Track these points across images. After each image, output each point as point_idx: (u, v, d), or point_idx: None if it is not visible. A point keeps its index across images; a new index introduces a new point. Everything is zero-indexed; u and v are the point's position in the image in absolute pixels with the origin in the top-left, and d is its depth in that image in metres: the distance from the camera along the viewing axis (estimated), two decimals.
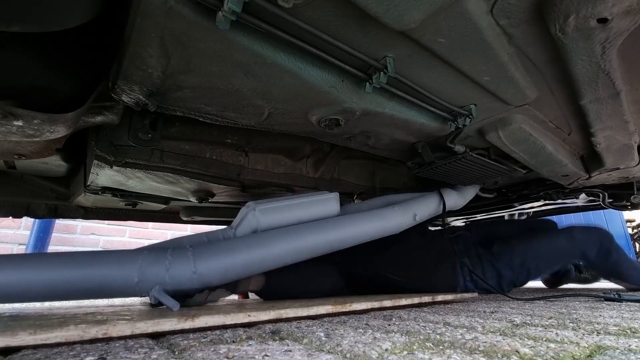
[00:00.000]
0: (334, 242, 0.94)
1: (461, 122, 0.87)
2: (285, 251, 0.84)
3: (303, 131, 0.92)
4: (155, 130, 0.81)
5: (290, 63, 0.62)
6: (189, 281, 0.71)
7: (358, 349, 0.48)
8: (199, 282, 0.72)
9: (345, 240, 0.96)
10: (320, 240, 0.90)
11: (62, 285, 0.61)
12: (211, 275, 0.73)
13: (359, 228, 1.00)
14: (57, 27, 0.48)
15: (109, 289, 0.65)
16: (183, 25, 0.50)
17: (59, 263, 0.62)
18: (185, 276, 0.70)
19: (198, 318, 0.58)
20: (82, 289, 0.63)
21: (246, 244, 0.81)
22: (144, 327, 0.52)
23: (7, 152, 0.80)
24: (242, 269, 0.78)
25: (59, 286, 0.61)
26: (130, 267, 0.66)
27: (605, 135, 0.97)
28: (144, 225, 3.78)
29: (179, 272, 0.70)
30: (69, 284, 0.61)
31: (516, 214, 2.27)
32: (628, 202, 1.56)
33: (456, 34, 0.57)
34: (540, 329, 0.66)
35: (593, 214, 4.46)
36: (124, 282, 0.65)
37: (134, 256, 0.68)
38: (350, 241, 0.99)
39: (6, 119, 0.60)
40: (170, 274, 0.68)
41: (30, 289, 0.59)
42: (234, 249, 0.78)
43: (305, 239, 0.87)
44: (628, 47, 0.62)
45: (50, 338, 0.46)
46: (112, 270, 0.65)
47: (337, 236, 0.94)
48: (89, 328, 0.48)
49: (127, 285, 0.65)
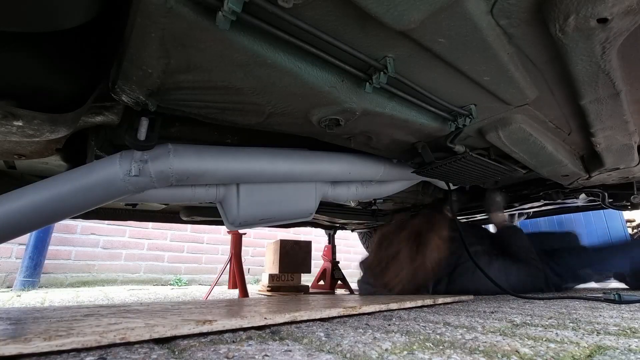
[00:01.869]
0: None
1: (461, 122, 0.87)
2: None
3: (303, 131, 0.92)
4: (152, 132, 0.81)
5: (290, 63, 0.62)
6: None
7: (358, 349, 0.48)
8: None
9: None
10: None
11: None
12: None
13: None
14: (57, 27, 0.48)
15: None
16: (183, 26, 0.50)
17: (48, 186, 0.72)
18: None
19: (216, 322, 0.58)
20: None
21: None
22: (162, 331, 0.52)
23: (7, 152, 0.80)
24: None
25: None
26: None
27: (605, 135, 0.97)
28: (144, 225, 3.79)
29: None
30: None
31: (516, 214, 2.28)
32: (628, 202, 1.56)
33: (456, 34, 0.57)
34: (540, 329, 0.66)
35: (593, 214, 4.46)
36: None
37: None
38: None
39: (6, 119, 0.60)
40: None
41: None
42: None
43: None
44: (628, 47, 0.62)
45: (66, 344, 0.44)
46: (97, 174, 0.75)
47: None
48: (106, 333, 0.47)
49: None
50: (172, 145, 0.84)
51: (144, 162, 0.79)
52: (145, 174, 0.80)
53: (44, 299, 2.10)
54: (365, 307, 0.87)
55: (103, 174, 0.77)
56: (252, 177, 0.98)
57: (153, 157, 0.80)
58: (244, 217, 1.04)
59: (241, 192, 1.02)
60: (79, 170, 0.77)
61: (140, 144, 0.74)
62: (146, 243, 3.82)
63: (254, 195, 1.04)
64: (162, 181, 0.84)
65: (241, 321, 0.62)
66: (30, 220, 0.73)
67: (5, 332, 0.50)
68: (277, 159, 0.99)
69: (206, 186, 1.00)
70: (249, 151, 0.95)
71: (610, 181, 1.39)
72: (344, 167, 1.12)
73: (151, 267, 3.81)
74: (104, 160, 0.79)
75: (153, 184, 0.83)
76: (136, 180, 0.79)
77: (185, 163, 0.84)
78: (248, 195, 1.03)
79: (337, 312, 0.81)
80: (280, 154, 1.01)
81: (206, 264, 4.21)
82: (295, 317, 0.71)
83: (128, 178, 0.78)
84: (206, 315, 0.68)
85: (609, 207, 1.62)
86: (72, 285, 3.29)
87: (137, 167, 0.78)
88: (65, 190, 0.74)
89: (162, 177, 0.82)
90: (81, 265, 3.40)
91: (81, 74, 0.66)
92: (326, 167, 1.09)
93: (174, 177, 0.84)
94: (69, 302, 1.95)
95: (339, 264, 2.72)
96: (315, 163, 1.06)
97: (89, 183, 0.76)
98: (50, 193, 0.74)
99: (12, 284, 2.99)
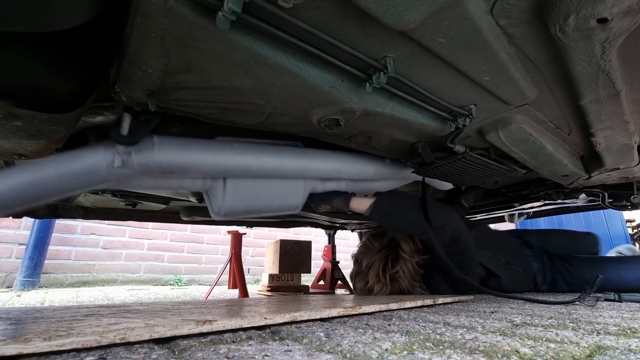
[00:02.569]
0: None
1: (461, 122, 0.87)
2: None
3: (303, 131, 0.92)
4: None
5: (290, 63, 0.62)
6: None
7: (358, 349, 0.48)
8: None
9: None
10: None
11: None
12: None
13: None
14: (57, 27, 0.48)
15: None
16: (183, 25, 0.50)
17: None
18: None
19: (216, 322, 0.58)
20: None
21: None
22: (162, 331, 0.52)
23: (7, 152, 0.80)
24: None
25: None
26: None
27: (605, 135, 0.97)
28: (144, 225, 3.79)
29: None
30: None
31: (516, 214, 2.27)
32: (628, 202, 1.56)
33: (456, 34, 0.57)
34: (540, 329, 0.66)
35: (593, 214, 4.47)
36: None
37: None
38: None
39: (6, 119, 0.60)
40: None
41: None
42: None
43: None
44: (628, 47, 0.62)
45: (66, 344, 0.43)
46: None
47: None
48: (106, 333, 0.47)
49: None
50: (158, 138, 0.83)
51: (127, 154, 0.79)
52: (129, 165, 0.80)
53: (44, 299, 2.10)
54: (365, 307, 0.87)
55: (87, 162, 0.77)
56: (238, 173, 0.98)
57: (137, 150, 0.80)
58: (229, 208, 1.04)
59: (227, 186, 1.02)
60: (64, 155, 0.78)
61: (123, 139, 0.75)
62: (146, 243, 3.82)
63: (240, 189, 1.04)
64: (145, 173, 0.84)
65: (241, 321, 0.62)
66: (13, 200, 0.74)
67: (5, 332, 0.50)
68: (265, 155, 0.98)
69: (192, 177, 1.00)
70: (236, 146, 0.95)
71: (610, 181, 1.39)
72: (334, 165, 1.11)
73: (151, 267, 3.81)
74: (89, 149, 0.79)
75: (136, 176, 0.83)
76: (119, 171, 0.79)
77: (169, 157, 0.84)
78: (234, 189, 1.03)
79: (337, 312, 0.81)
80: (269, 150, 1.00)
81: (206, 264, 4.21)
82: (295, 317, 0.71)
83: (111, 169, 0.78)
84: (206, 315, 0.68)
85: (609, 207, 1.62)
86: (72, 285, 3.29)
87: (120, 159, 0.78)
88: (49, 174, 0.75)
89: (146, 169, 0.82)
90: (81, 265, 3.40)
91: (81, 74, 0.66)
92: (315, 165, 1.08)
93: (157, 170, 0.84)
94: (69, 302, 1.95)
95: (339, 264, 2.72)
96: (304, 161, 1.05)
97: (73, 170, 0.76)
98: (34, 176, 0.75)
99: (12, 284, 2.99)
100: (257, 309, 0.80)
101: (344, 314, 0.82)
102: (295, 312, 0.72)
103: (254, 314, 0.67)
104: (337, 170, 1.12)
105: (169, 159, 0.84)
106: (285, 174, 1.05)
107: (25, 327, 0.55)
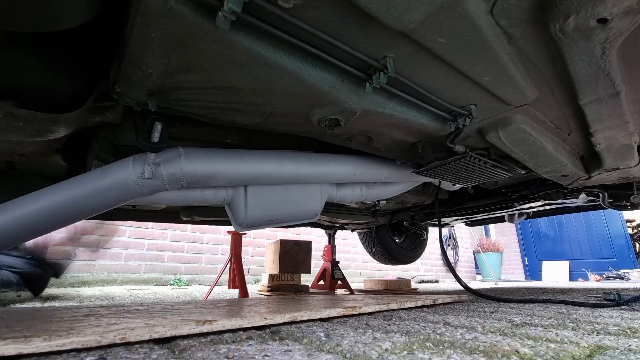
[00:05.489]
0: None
1: (461, 122, 0.87)
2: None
3: (303, 131, 0.92)
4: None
5: (291, 63, 0.62)
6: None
7: (358, 349, 0.48)
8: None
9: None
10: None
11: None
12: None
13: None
14: (57, 28, 0.48)
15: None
16: (183, 26, 0.50)
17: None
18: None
19: (216, 322, 0.59)
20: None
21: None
22: (162, 332, 0.52)
23: (7, 152, 0.80)
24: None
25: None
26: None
27: (605, 135, 0.97)
28: (144, 225, 3.79)
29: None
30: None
31: (516, 214, 2.27)
32: (628, 202, 1.56)
33: (456, 34, 0.57)
34: (540, 329, 0.66)
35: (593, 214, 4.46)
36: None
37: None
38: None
39: (6, 119, 0.60)
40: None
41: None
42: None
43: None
44: (628, 47, 0.62)
45: (66, 344, 0.44)
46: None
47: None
48: (106, 333, 0.47)
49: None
50: (183, 149, 0.86)
51: (156, 165, 0.81)
52: (158, 176, 0.82)
53: (44, 299, 2.10)
54: (365, 307, 0.87)
55: (117, 176, 0.79)
56: (260, 179, 1.00)
57: (165, 160, 0.82)
58: (251, 218, 1.06)
59: (249, 194, 1.04)
60: (94, 173, 0.79)
61: (153, 146, 0.76)
62: (146, 243, 3.82)
63: (261, 197, 1.06)
64: (173, 183, 0.86)
65: (241, 321, 0.62)
66: (46, 222, 0.74)
67: (5, 332, 0.50)
68: (284, 161, 1.01)
69: (215, 188, 1.03)
70: (256, 154, 0.98)
71: (610, 181, 1.39)
72: (348, 168, 1.14)
73: (151, 267, 3.81)
74: (118, 163, 0.81)
75: (165, 187, 0.85)
76: (149, 182, 0.81)
77: (195, 166, 0.86)
78: (255, 197, 1.05)
79: (337, 312, 0.81)
80: (287, 156, 1.02)
81: (206, 264, 4.20)
82: (295, 317, 0.71)
83: (141, 181, 0.80)
84: (206, 315, 0.68)
85: (609, 207, 1.62)
86: (72, 285, 3.29)
87: (150, 170, 0.80)
88: (80, 192, 0.76)
89: (174, 179, 0.85)
90: (81, 265, 3.40)
91: (81, 74, 0.66)
92: (332, 169, 1.10)
93: (185, 180, 0.86)
94: (68, 302, 1.95)
95: (339, 264, 2.72)
96: (320, 165, 1.08)
97: (103, 186, 0.77)
98: (65, 196, 0.75)
99: None
100: (257, 309, 0.80)
101: (344, 314, 0.82)
102: (295, 312, 0.72)
103: (254, 314, 0.67)
104: (352, 172, 1.15)
105: (195, 167, 0.86)
106: (303, 178, 1.07)
107: (25, 327, 0.55)
